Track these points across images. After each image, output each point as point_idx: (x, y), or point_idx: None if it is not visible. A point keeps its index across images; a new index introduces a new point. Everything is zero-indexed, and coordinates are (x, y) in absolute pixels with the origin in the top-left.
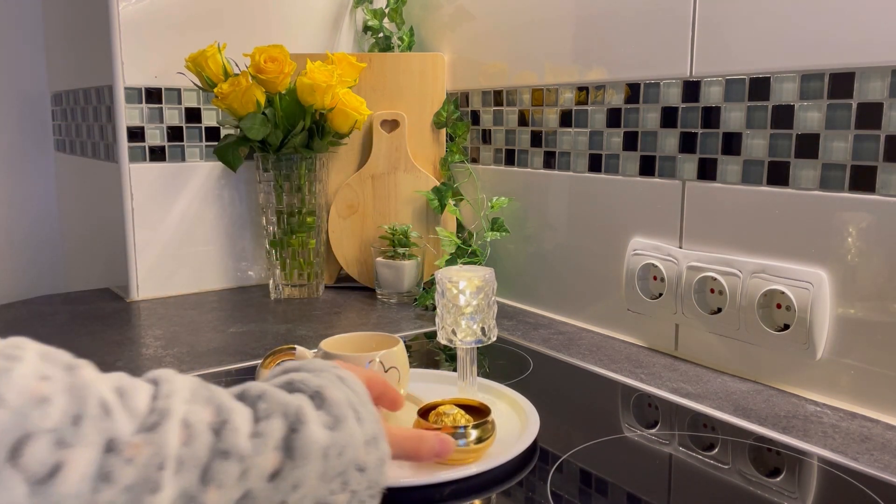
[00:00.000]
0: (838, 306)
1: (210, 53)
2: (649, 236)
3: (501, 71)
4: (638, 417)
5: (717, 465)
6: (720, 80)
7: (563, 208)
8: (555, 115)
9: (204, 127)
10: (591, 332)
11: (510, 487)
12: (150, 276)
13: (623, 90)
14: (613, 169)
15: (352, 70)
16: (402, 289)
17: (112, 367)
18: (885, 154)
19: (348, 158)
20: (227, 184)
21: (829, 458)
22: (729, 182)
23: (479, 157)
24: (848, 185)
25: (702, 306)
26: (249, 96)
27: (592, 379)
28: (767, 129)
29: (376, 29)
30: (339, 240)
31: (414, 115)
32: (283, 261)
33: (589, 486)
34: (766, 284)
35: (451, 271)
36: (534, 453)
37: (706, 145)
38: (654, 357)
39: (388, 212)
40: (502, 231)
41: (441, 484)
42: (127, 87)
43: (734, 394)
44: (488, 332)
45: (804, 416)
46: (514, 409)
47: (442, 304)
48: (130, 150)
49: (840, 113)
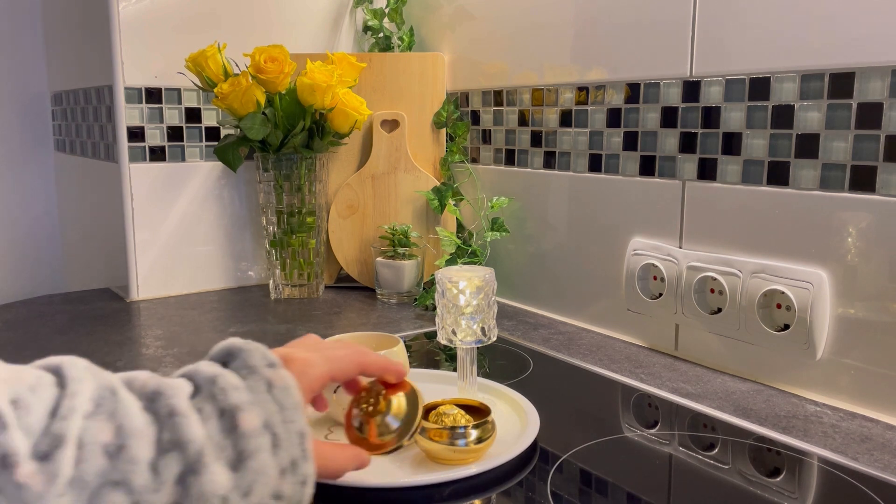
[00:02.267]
0: (838, 306)
1: (210, 53)
2: (649, 236)
3: (501, 71)
4: (638, 417)
5: (717, 465)
6: (720, 80)
7: (563, 208)
8: (555, 115)
9: (204, 127)
10: (591, 332)
11: (510, 487)
12: (150, 276)
13: (623, 90)
14: (613, 169)
15: (352, 70)
16: (402, 289)
17: (112, 367)
18: (885, 154)
19: (348, 158)
20: (227, 184)
21: (829, 458)
22: (729, 182)
23: (479, 157)
24: (848, 185)
25: (702, 306)
26: (249, 96)
27: (592, 379)
28: (767, 129)
29: (376, 29)
30: (339, 240)
31: (414, 115)
32: (283, 261)
33: (589, 486)
34: (766, 284)
35: (451, 271)
36: (534, 453)
37: (706, 145)
38: (654, 357)
39: (388, 212)
40: (502, 231)
41: (441, 484)
42: (127, 87)
43: (734, 394)
44: (488, 332)
45: (804, 416)
46: (514, 409)
47: (442, 304)
48: (130, 150)
49: (840, 113)
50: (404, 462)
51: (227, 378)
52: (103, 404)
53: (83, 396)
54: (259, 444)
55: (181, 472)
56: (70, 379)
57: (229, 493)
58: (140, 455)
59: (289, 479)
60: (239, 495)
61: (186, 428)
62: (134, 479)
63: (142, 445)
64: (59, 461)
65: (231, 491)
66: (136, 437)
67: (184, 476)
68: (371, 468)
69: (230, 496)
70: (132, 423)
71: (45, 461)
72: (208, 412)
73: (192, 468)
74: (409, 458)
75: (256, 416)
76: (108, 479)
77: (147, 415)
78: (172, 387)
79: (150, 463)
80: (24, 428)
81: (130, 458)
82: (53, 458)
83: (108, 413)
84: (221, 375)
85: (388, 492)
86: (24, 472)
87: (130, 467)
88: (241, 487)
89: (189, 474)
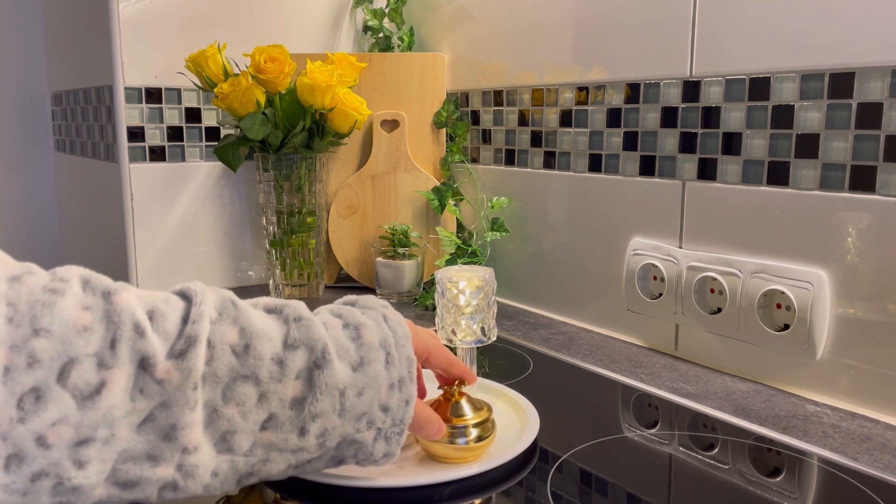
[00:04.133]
0: (838, 306)
1: (210, 53)
2: (649, 236)
3: (501, 71)
4: (638, 417)
5: (717, 465)
6: (720, 80)
7: (563, 208)
8: (555, 115)
9: (204, 127)
10: (591, 332)
11: (510, 487)
12: (150, 276)
13: (623, 90)
14: (613, 169)
15: (352, 70)
16: (402, 289)
17: None
18: (885, 154)
19: (348, 158)
20: (227, 184)
21: (829, 458)
22: (729, 182)
23: (479, 157)
24: (848, 185)
25: (702, 306)
26: (249, 96)
27: (592, 379)
28: (767, 129)
29: (376, 29)
30: (339, 240)
31: (414, 115)
32: (283, 261)
33: (589, 486)
34: (766, 284)
35: (451, 271)
36: (534, 453)
37: (706, 145)
38: (654, 357)
39: (388, 212)
40: (502, 231)
41: (441, 484)
42: (127, 87)
43: (734, 394)
44: (488, 332)
45: (804, 416)
46: (514, 409)
47: (442, 304)
48: (130, 150)
49: (840, 113)
50: (404, 462)
51: (349, 308)
52: (225, 312)
53: (208, 305)
54: (376, 356)
55: (307, 366)
56: (195, 292)
57: (347, 387)
58: (265, 352)
59: (395, 395)
60: (354, 393)
61: (314, 329)
62: (260, 371)
63: (265, 343)
64: (192, 359)
65: (349, 387)
66: (259, 337)
67: (310, 370)
68: (371, 468)
69: (347, 391)
70: (254, 325)
71: (181, 359)
72: (334, 323)
73: (317, 363)
74: (409, 457)
75: (375, 334)
76: (238, 374)
77: (273, 319)
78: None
79: (275, 358)
80: (160, 332)
81: (257, 355)
82: (187, 356)
83: (231, 318)
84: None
85: (388, 492)
86: (161, 369)
87: (257, 362)
88: (357, 386)
89: (315, 368)
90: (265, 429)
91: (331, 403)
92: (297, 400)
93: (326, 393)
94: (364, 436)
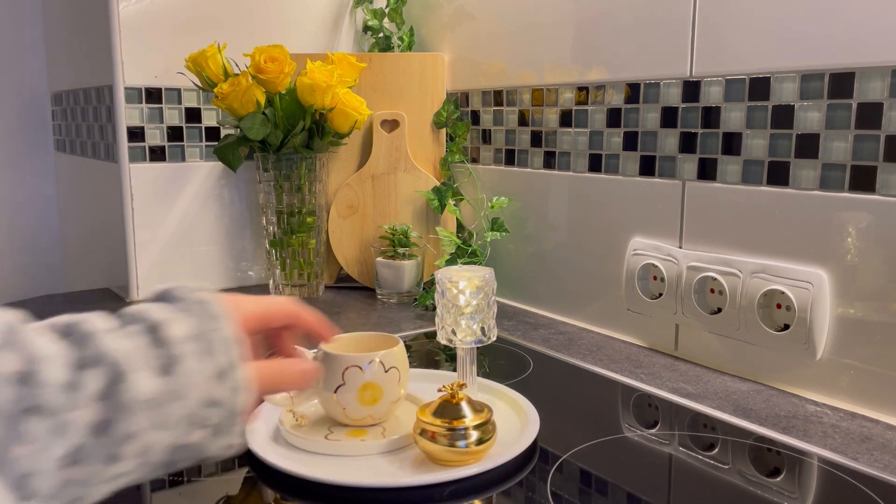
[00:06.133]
0: (838, 306)
1: (210, 53)
2: (649, 236)
3: (501, 71)
4: (638, 417)
5: (717, 465)
6: (720, 80)
7: (563, 208)
8: (555, 115)
9: (204, 127)
10: (591, 332)
11: (510, 487)
12: (150, 276)
13: (623, 90)
14: (613, 169)
15: (352, 70)
16: (402, 289)
17: None
18: (885, 154)
19: (348, 158)
20: (227, 184)
21: (829, 458)
22: (729, 182)
23: (479, 157)
24: (848, 185)
25: (702, 306)
26: (249, 96)
27: (592, 379)
28: (767, 129)
29: (376, 29)
30: (339, 240)
31: (414, 115)
32: (283, 261)
33: (589, 486)
34: (766, 284)
35: (451, 271)
36: (534, 453)
37: (706, 145)
38: (654, 357)
39: (388, 212)
40: (502, 231)
41: (441, 484)
42: (127, 87)
43: (734, 394)
44: (488, 332)
45: (804, 416)
46: (514, 409)
47: (442, 304)
48: (130, 150)
49: (840, 113)
50: (404, 462)
51: (152, 306)
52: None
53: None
54: (186, 349)
55: (105, 386)
56: None
57: (159, 396)
58: (51, 377)
59: (222, 386)
60: (170, 399)
61: (107, 343)
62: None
63: (57, 366)
64: None
65: (162, 395)
66: (44, 362)
67: (109, 389)
68: (371, 468)
69: (161, 400)
70: (39, 350)
71: None
72: (134, 331)
73: (115, 379)
74: (409, 458)
75: (182, 326)
76: (22, 406)
77: (61, 341)
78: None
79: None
80: None
81: (41, 382)
82: None
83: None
84: (145, 306)
85: (388, 492)
86: None
87: (42, 391)
88: (174, 391)
89: (113, 385)
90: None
91: (145, 419)
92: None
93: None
94: (196, 437)
